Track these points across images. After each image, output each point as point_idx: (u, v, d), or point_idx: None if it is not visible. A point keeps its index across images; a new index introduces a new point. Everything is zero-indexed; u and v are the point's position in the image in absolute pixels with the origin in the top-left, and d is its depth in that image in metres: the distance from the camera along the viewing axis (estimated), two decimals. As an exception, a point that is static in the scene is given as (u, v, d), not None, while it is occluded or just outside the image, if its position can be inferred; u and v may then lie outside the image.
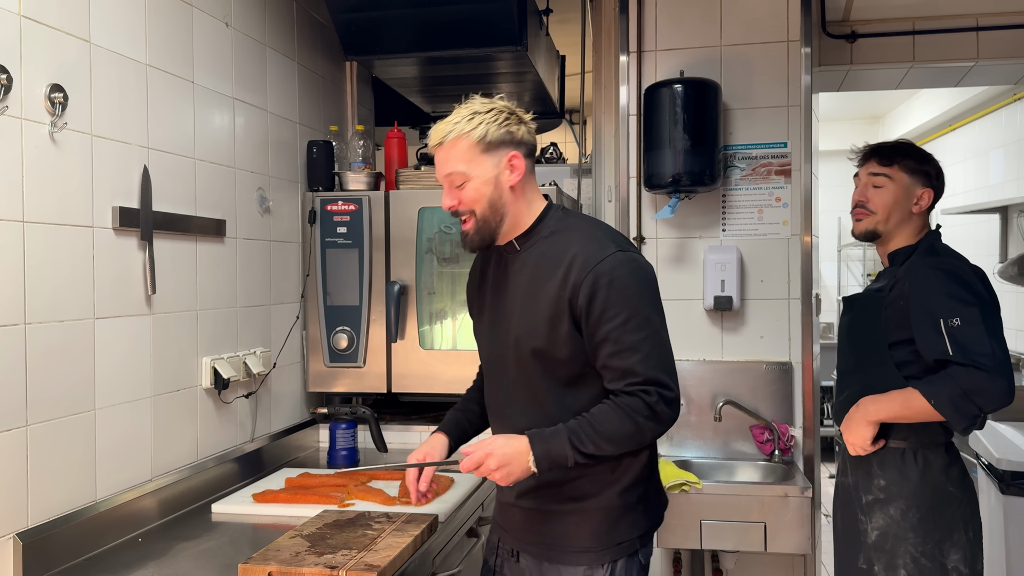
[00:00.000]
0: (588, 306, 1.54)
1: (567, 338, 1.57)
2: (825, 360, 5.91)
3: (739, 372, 2.85)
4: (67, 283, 1.76)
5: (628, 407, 1.54)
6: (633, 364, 1.53)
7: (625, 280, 1.55)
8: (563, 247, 1.60)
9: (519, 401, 1.68)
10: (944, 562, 1.98)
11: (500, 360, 1.70)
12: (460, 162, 1.59)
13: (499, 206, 1.61)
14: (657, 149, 2.73)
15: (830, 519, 2.32)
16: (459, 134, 1.58)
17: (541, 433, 1.56)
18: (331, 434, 2.67)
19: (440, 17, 2.80)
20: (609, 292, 1.53)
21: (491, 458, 1.54)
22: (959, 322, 1.89)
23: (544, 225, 1.65)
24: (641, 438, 1.57)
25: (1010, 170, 4.94)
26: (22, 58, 1.64)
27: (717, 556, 2.81)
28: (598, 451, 1.54)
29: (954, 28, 3.03)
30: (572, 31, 3.55)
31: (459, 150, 1.59)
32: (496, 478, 1.54)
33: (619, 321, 1.53)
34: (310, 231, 2.79)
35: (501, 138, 1.59)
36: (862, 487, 2.09)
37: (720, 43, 2.87)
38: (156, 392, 2.06)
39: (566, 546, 1.65)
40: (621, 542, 1.65)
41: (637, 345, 1.53)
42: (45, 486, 1.70)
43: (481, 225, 1.62)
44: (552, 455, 1.54)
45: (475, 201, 1.60)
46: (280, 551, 1.67)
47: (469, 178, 1.59)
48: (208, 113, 2.28)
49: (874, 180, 2.12)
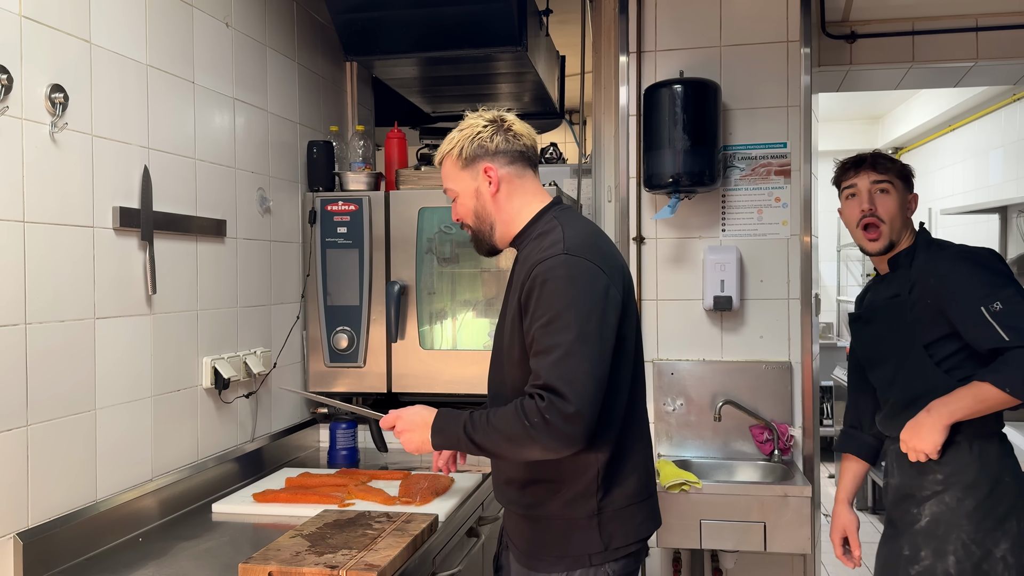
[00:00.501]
0: (525, 304, 1.57)
1: (520, 340, 1.60)
2: (824, 360, 5.92)
3: (739, 372, 2.85)
4: (67, 283, 1.76)
5: (522, 408, 1.51)
6: (540, 366, 1.50)
7: (558, 282, 1.53)
8: (536, 249, 1.62)
9: (494, 398, 1.75)
10: (993, 550, 1.96)
11: (495, 356, 1.77)
12: (448, 179, 1.74)
13: (484, 216, 1.71)
14: (657, 149, 2.73)
15: (829, 519, 2.32)
16: (443, 154, 1.73)
17: (447, 412, 1.64)
18: (331, 434, 2.67)
19: (440, 17, 2.80)
20: (542, 291, 1.53)
21: (400, 420, 1.68)
22: (1000, 305, 1.89)
23: (535, 227, 1.69)
24: (525, 444, 1.50)
25: (1009, 170, 4.94)
26: (22, 58, 1.64)
27: (717, 556, 2.81)
28: (485, 443, 1.55)
29: (953, 28, 3.03)
30: (572, 31, 3.55)
31: (446, 168, 1.73)
32: (401, 441, 1.68)
33: (542, 321, 1.52)
34: (310, 231, 2.79)
35: (474, 152, 1.68)
36: (916, 486, 2.05)
37: (720, 43, 2.87)
38: (156, 392, 2.06)
39: (530, 551, 1.69)
40: (570, 555, 1.63)
41: (550, 348, 1.50)
42: (45, 486, 1.70)
43: (476, 234, 1.75)
44: (446, 433, 1.62)
45: (465, 214, 1.74)
46: (280, 551, 1.67)
47: (457, 193, 1.73)
48: (208, 113, 2.28)
49: (879, 187, 2.10)
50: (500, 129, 1.69)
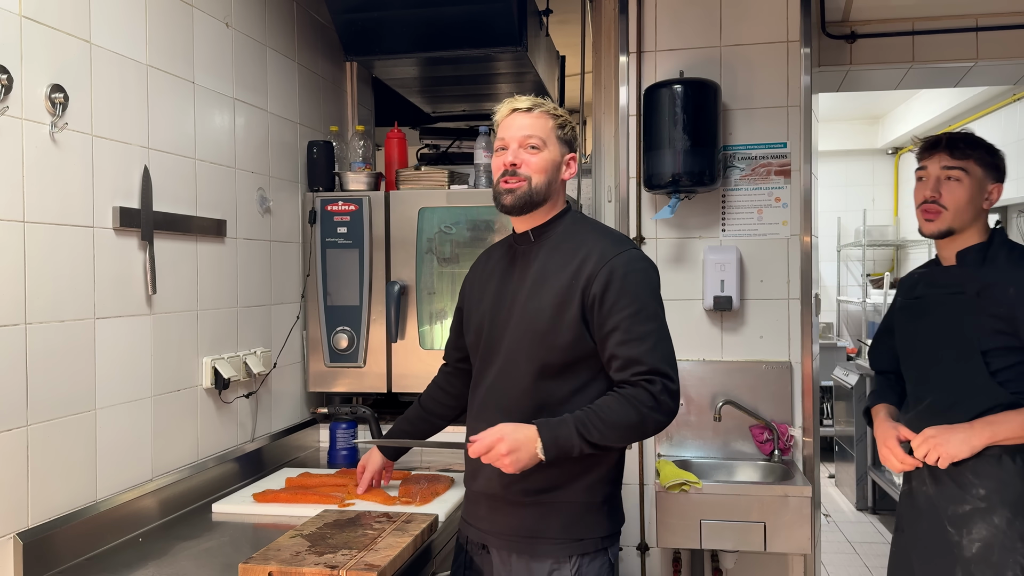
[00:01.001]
0: (602, 295, 1.63)
1: (571, 324, 1.64)
2: (824, 360, 5.92)
3: (739, 372, 2.85)
4: (68, 283, 1.76)
5: (633, 397, 1.60)
6: (640, 354, 1.60)
7: (638, 275, 1.65)
8: (578, 241, 1.71)
9: (500, 389, 1.73)
10: None
11: (491, 348, 1.76)
12: (543, 133, 1.72)
13: (550, 188, 1.73)
14: (657, 149, 2.73)
15: (830, 519, 2.30)
16: (548, 113, 1.73)
17: (548, 422, 1.60)
18: (331, 434, 2.67)
19: (440, 17, 2.80)
20: (623, 284, 1.63)
21: (502, 443, 1.57)
22: None
23: (560, 223, 1.76)
24: (644, 429, 1.62)
25: (1010, 170, 4.93)
26: (22, 58, 1.64)
27: (717, 556, 2.81)
28: (603, 440, 1.59)
29: (953, 28, 3.03)
30: (572, 31, 3.55)
31: (544, 124, 1.72)
32: (505, 463, 1.57)
33: (629, 312, 1.61)
34: (310, 231, 2.79)
35: (570, 137, 1.76)
36: (952, 496, 1.91)
37: (720, 43, 2.87)
38: (156, 392, 2.06)
39: (533, 539, 1.69)
40: (584, 538, 1.68)
41: (644, 336, 1.61)
42: (45, 486, 1.70)
43: (529, 191, 1.70)
44: (559, 442, 1.58)
45: (540, 171, 1.71)
46: (280, 551, 1.67)
47: (543, 150, 1.71)
48: (208, 113, 2.28)
49: (948, 173, 1.96)
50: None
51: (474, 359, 1.85)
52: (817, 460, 2.91)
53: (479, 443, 1.60)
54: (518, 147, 1.71)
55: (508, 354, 1.72)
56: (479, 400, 1.79)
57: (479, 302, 1.84)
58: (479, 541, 1.80)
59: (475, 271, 1.93)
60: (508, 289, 1.77)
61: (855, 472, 5.18)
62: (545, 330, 1.66)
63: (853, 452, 5.21)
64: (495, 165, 1.75)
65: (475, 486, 1.79)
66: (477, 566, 1.80)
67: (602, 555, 1.70)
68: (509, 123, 1.73)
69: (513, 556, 1.72)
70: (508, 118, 1.74)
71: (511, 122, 1.73)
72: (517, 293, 1.73)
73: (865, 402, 2.28)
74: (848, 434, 5.34)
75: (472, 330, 1.84)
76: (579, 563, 1.67)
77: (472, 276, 1.93)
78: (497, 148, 1.75)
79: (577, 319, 1.64)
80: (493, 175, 1.76)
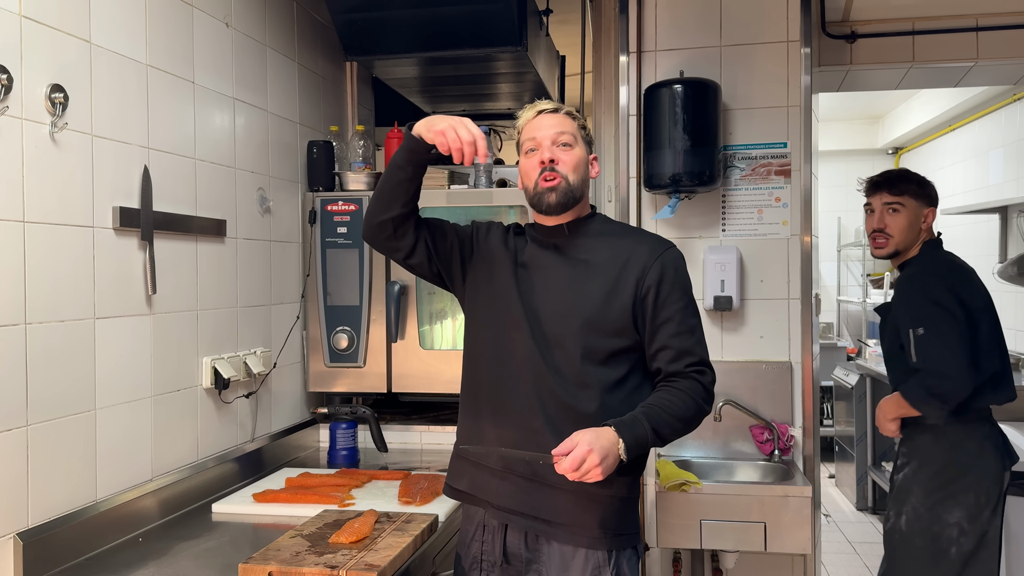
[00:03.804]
0: (657, 286, 1.67)
1: (622, 312, 1.67)
2: (824, 360, 5.92)
3: (739, 372, 2.85)
4: (67, 283, 1.76)
5: (690, 390, 1.65)
6: (692, 345, 1.68)
7: (684, 272, 1.74)
8: (619, 236, 1.76)
9: (527, 385, 1.66)
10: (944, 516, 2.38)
11: (527, 333, 1.68)
12: (572, 130, 1.74)
13: (583, 185, 1.75)
14: (657, 149, 2.73)
15: (830, 519, 2.34)
16: (571, 115, 1.76)
17: (623, 422, 1.57)
18: (331, 434, 2.67)
19: (440, 17, 2.80)
20: (676, 277, 1.70)
21: (592, 454, 1.49)
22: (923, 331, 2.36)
23: (594, 220, 1.80)
24: (699, 419, 1.68)
25: (1009, 170, 4.94)
26: (22, 58, 1.64)
27: (717, 556, 2.81)
28: (672, 434, 1.63)
29: (954, 28, 3.03)
30: (572, 31, 3.55)
31: (570, 123, 1.74)
32: (597, 473, 1.50)
33: (682, 304, 1.68)
34: (310, 231, 2.79)
35: (591, 139, 1.81)
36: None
37: (720, 43, 2.87)
38: (156, 392, 2.06)
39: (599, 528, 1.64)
40: (624, 534, 1.69)
41: (694, 328, 1.70)
42: (45, 486, 1.70)
43: (568, 189, 1.71)
44: (639, 441, 1.57)
45: (574, 168, 1.72)
46: (280, 551, 1.67)
47: (575, 147, 1.73)
48: (208, 113, 2.28)
49: (891, 207, 2.51)
50: None
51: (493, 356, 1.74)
52: (817, 460, 2.91)
53: (572, 458, 1.49)
54: (552, 144, 1.71)
55: (554, 338, 1.67)
56: (498, 410, 1.70)
57: (493, 299, 1.75)
58: (503, 522, 1.70)
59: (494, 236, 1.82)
60: (544, 281, 1.71)
61: (855, 472, 5.18)
62: (595, 318, 1.66)
63: (853, 452, 5.21)
64: (529, 166, 1.72)
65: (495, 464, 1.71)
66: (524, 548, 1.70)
67: (636, 551, 1.72)
68: (537, 124, 1.73)
69: (567, 546, 1.65)
70: (535, 120, 1.74)
71: (539, 123, 1.73)
72: (556, 280, 1.70)
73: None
74: (848, 434, 5.34)
75: (489, 328, 1.75)
76: (627, 555, 1.68)
77: (493, 239, 1.82)
78: (527, 150, 1.73)
79: (628, 308, 1.66)
80: (526, 178, 1.73)
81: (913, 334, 2.36)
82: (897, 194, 2.49)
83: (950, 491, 2.37)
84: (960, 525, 2.35)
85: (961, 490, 2.36)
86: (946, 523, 2.37)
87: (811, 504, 2.51)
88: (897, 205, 2.49)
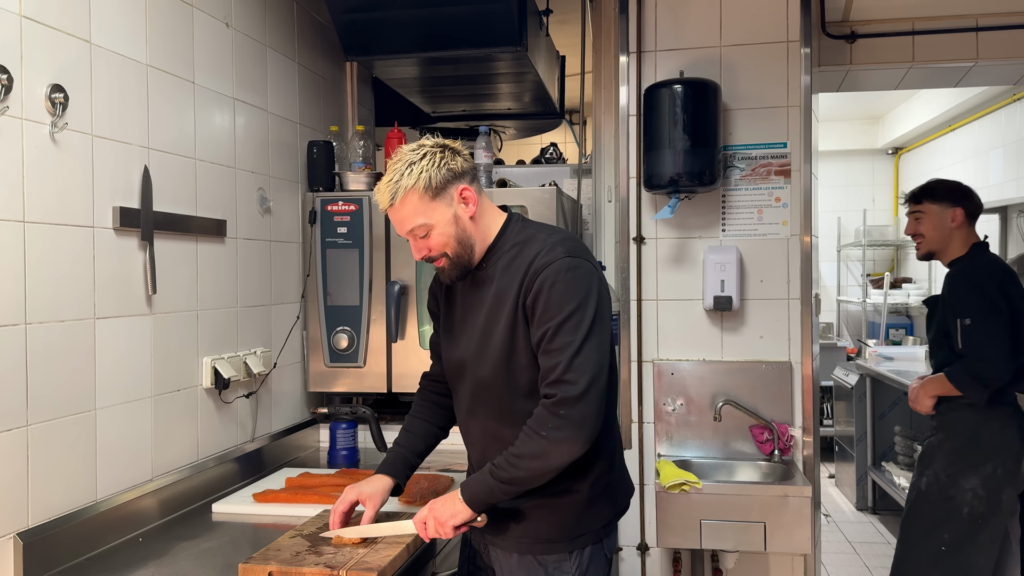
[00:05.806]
0: (533, 306, 1.59)
1: (525, 343, 1.62)
2: (824, 360, 5.92)
3: (739, 372, 2.85)
4: (68, 283, 1.76)
5: (532, 424, 1.57)
6: (554, 364, 1.56)
7: (565, 284, 1.58)
8: (523, 257, 1.65)
9: (482, 414, 1.73)
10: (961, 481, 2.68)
11: (464, 374, 1.74)
12: (417, 216, 1.62)
13: (466, 239, 1.66)
14: (657, 149, 2.73)
15: (830, 519, 2.34)
16: (406, 189, 1.61)
17: (471, 477, 1.66)
18: (331, 434, 2.67)
19: (440, 17, 2.80)
20: (550, 294, 1.57)
21: (430, 515, 1.64)
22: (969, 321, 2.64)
23: (505, 240, 1.70)
24: (556, 449, 1.54)
25: (1009, 170, 4.94)
26: (22, 58, 1.64)
27: (717, 556, 2.81)
28: (516, 472, 1.57)
29: (953, 28, 3.02)
30: (572, 31, 3.56)
31: (411, 204, 1.62)
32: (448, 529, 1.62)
33: (554, 323, 1.56)
34: (310, 231, 2.79)
35: (444, 178, 1.62)
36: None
37: (720, 43, 2.87)
38: (157, 392, 2.06)
39: (536, 537, 1.69)
40: (585, 533, 1.70)
41: (564, 347, 1.56)
42: (45, 486, 1.70)
43: (456, 261, 1.67)
44: (478, 494, 1.61)
45: (444, 245, 1.65)
46: (280, 551, 1.67)
47: (431, 227, 1.63)
48: (208, 113, 2.28)
49: (914, 215, 2.89)
50: (453, 151, 1.66)
51: (453, 385, 1.82)
52: (817, 460, 2.91)
53: (418, 526, 1.67)
54: (414, 240, 1.66)
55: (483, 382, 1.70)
56: (466, 428, 1.81)
57: (448, 332, 1.80)
58: (479, 544, 1.81)
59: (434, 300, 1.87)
60: (471, 317, 1.73)
61: (855, 472, 5.18)
62: (505, 354, 1.64)
63: (853, 452, 5.21)
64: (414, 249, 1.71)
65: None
66: (483, 560, 1.81)
67: (599, 546, 1.72)
68: (391, 217, 1.67)
69: (515, 555, 1.72)
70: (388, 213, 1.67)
71: (391, 217, 1.66)
72: (477, 320, 1.70)
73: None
74: (848, 434, 5.34)
75: (447, 358, 1.80)
76: (579, 556, 1.69)
77: (432, 305, 1.88)
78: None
79: (526, 335, 1.62)
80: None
81: (960, 323, 2.63)
82: (917, 203, 2.89)
83: (971, 461, 2.68)
84: (975, 491, 2.65)
85: (981, 461, 2.66)
86: (962, 488, 2.67)
87: (811, 504, 2.51)
88: (918, 213, 2.87)
